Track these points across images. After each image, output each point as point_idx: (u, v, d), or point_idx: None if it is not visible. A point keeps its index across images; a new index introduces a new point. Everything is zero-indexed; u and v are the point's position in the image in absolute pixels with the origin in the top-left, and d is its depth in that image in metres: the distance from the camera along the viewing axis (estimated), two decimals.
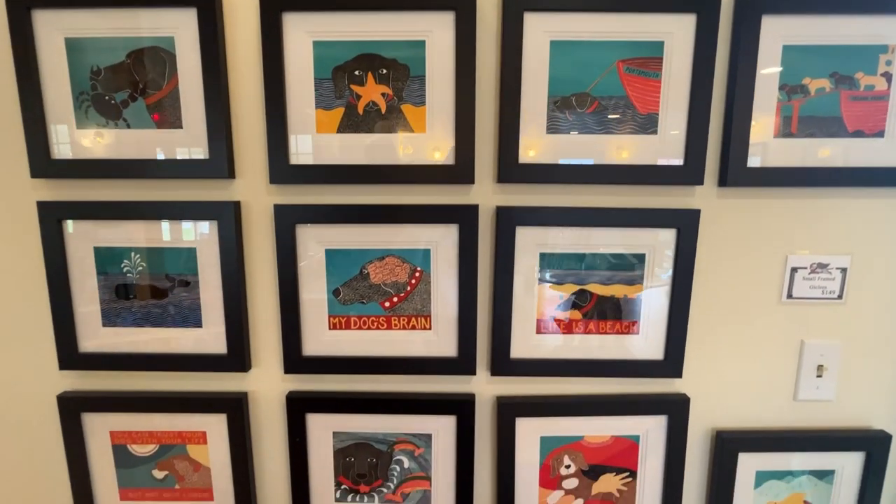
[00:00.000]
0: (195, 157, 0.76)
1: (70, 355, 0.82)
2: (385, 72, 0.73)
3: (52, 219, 0.77)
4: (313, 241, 0.78)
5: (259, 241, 0.79)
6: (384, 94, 0.74)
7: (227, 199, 0.77)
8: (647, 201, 0.77)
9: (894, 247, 0.79)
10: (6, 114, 0.76)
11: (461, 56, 0.72)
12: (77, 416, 0.83)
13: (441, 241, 0.78)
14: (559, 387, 0.83)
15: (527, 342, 0.81)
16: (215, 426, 0.84)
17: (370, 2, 0.71)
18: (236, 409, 0.82)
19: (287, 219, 0.77)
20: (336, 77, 0.74)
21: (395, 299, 0.80)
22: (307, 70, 0.73)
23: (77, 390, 0.84)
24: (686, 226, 0.77)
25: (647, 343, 0.81)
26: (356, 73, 0.74)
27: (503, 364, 0.81)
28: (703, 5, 0.71)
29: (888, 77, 0.73)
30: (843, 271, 0.80)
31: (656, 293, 0.79)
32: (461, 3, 0.70)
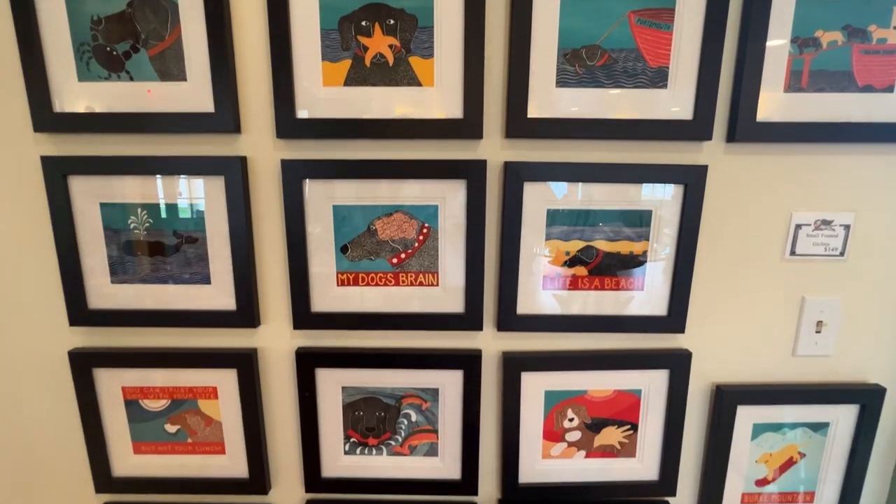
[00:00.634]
0: (200, 110, 0.75)
1: (80, 312, 0.82)
2: (392, 22, 0.72)
3: (57, 174, 0.77)
4: (321, 197, 0.78)
5: (266, 197, 0.79)
6: (391, 46, 0.73)
7: (233, 153, 0.77)
8: (655, 157, 0.77)
9: None
10: (6, 66, 0.75)
11: (470, 6, 0.71)
12: (89, 372, 0.85)
13: (449, 197, 0.78)
14: (564, 342, 0.85)
15: (533, 298, 0.82)
16: (226, 381, 0.85)
17: None
18: (246, 364, 0.84)
19: (294, 174, 0.77)
20: (342, 28, 0.72)
21: (403, 255, 0.80)
22: (313, 20, 0.72)
23: (88, 346, 0.85)
24: (693, 182, 0.77)
25: (651, 299, 0.82)
26: (363, 23, 0.72)
27: (509, 320, 0.82)
28: None
29: None
30: (847, 228, 0.80)
31: (662, 250, 0.80)
32: None
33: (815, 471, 0.90)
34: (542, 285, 0.81)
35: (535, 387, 0.85)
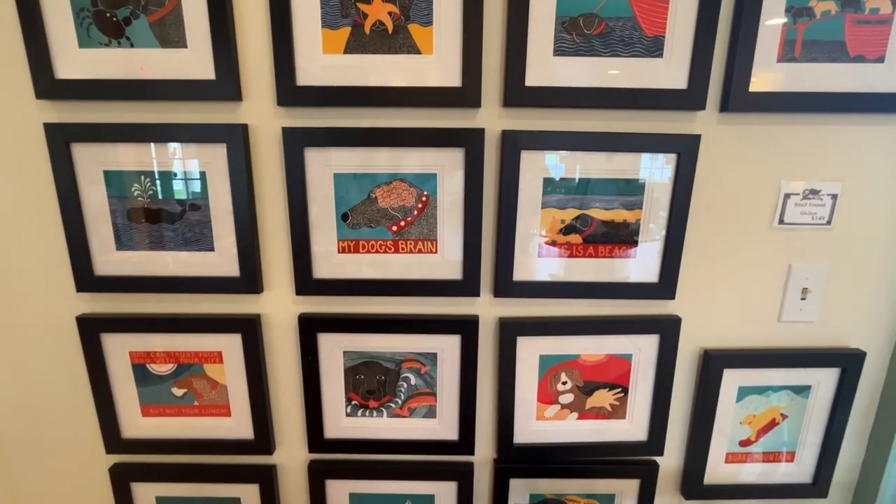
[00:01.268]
0: (201, 77, 0.75)
1: (86, 278, 0.84)
2: None
3: (60, 141, 0.78)
4: (321, 165, 0.79)
5: (268, 165, 0.80)
6: (391, 14, 0.73)
7: (234, 121, 0.78)
8: (649, 126, 0.79)
9: (883, 174, 0.82)
10: (7, 33, 0.75)
11: None
12: (96, 337, 0.87)
13: (447, 166, 0.79)
14: (559, 308, 0.87)
15: (529, 265, 0.84)
16: (230, 346, 0.88)
17: None
18: (250, 329, 0.86)
19: (295, 142, 0.78)
20: None
21: (403, 223, 0.82)
22: None
23: (95, 312, 0.87)
24: (686, 151, 0.79)
25: (643, 267, 0.84)
26: None
27: (506, 286, 0.84)
28: None
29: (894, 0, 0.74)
30: (834, 198, 0.83)
31: (654, 218, 0.82)
32: None
33: (796, 432, 0.94)
34: (538, 253, 0.84)
35: (530, 351, 0.88)
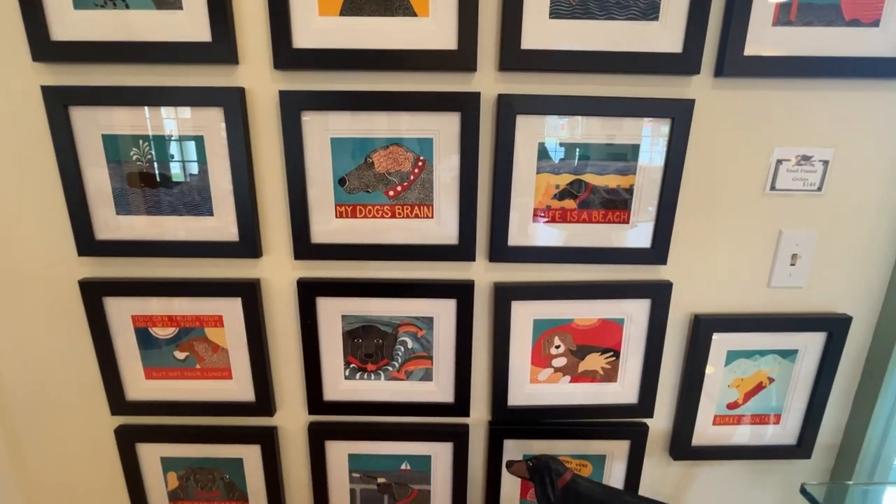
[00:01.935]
0: (197, 39, 0.75)
1: (87, 243, 0.85)
2: None
3: (58, 105, 0.78)
4: (319, 129, 0.80)
5: (265, 129, 0.81)
6: None
7: (231, 84, 0.78)
8: (644, 91, 0.79)
9: (874, 140, 0.83)
10: None
11: None
12: (99, 301, 0.89)
13: (443, 130, 0.80)
14: (553, 273, 0.89)
15: (524, 230, 0.85)
16: (231, 310, 0.90)
17: None
18: (250, 293, 0.88)
19: (293, 106, 0.78)
20: None
21: (399, 188, 0.83)
22: None
23: (97, 277, 0.89)
24: (680, 116, 0.79)
25: (636, 232, 0.86)
26: None
27: (501, 251, 0.86)
28: None
29: None
30: (825, 164, 0.84)
31: (647, 183, 0.83)
32: None
33: (782, 395, 0.97)
34: (533, 217, 0.85)
35: (524, 315, 0.90)
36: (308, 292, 0.88)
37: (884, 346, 0.92)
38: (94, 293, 0.88)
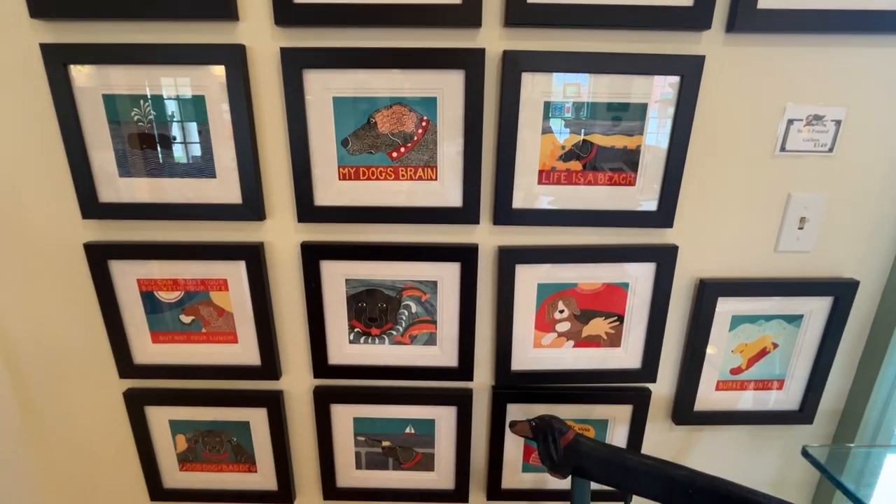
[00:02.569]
0: None
1: (91, 205, 0.85)
2: None
3: (58, 63, 0.77)
4: (321, 88, 0.79)
5: (267, 88, 0.80)
6: None
7: (232, 41, 0.77)
8: (653, 47, 0.77)
9: (889, 100, 0.81)
10: None
11: None
12: (104, 264, 0.89)
13: (447, 89, 0.79)
14: (557, 237, 0.89)
15: (528, 193, 0.85)
16: (235, 274, 0.90)
17: None
18: (254, 256, 0.88)
19: (294, 63, 0.77)
20: None
21: (403, 150, 0.82)
22: None
23: (102, 240, 0.89)
24: (690, 73, 0.77)
25: (642, 194, 0.85)
26: None
27: (505, 214, 0.85)
28: None
29: None
30: (837, 124, 0.82)
31: (655, 144, 0.82)
32: None
33: (786, 360, 0.97)
34: (538, 179, 0.84)
35: (528, 279, 0.90)
36: (312, 256, 0.88)
37: (891, 310, 0.91)
38: (99, 256, 0.88)
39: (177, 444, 1.04)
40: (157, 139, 0.82)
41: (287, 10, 0.74)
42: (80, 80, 0.79)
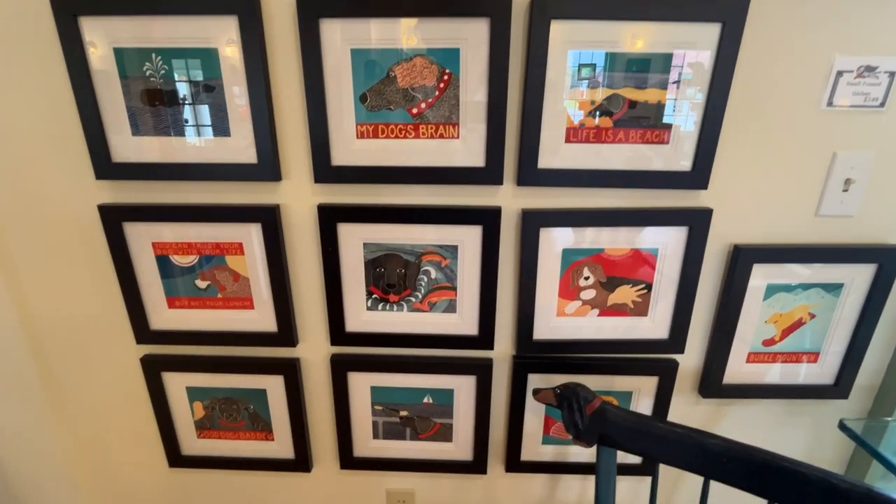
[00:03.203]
0: None
1: (104, 165, 0.83)
2: None
3: (68, 15, 0.75)
4: (338, 40, 0.75)
5: (282, 41, 0.77)
6: None
7: None
8: None
9: None
10: None
11: None
12: (119, 226, 0.87)
13: (470, 39, 0.74)
14: (584, 199, 0.85)
15: (555, 151, 0.80)
16: (250, 237, 0.88)
17: None
18: (270, 218, 0.85)
19: (310, 12, 0.73)
20: None
21: (423, 105, 0.79)
22: None
23: (116, 202, 0.87)
24: (732, 19, 0.72)
25: (676, 152, 0.80)
26: None
27: (530, 174, 0.81)
28: None
29: None
30: (892, 75, 0.76)
31: (691, 98, 0.77)
32: None
33: (822, 332, 0.92)
34: (566, 137, 0.80)
35: (552, 244, 0.86)
36: (329, 218, 0.86)
37: None
38: (113, 218, 0.87)
39: (194, 412, 1.04)
40: (170, 95, 0.79)
41: None
42: (89, 33, 0.76)
